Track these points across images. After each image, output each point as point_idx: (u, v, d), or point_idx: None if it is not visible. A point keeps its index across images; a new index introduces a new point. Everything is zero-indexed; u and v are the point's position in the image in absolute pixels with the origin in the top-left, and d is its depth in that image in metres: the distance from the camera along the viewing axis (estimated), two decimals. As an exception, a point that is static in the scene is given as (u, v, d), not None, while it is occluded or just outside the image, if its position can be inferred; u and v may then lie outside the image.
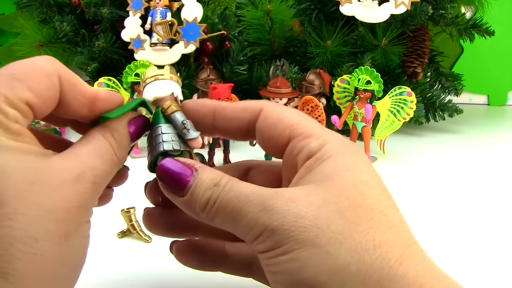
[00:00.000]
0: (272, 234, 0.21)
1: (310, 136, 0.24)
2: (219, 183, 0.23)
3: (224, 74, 0.71)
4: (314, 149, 0.24)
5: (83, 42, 0.74)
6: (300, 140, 0.25)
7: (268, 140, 0.26)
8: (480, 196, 0.52)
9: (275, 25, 0.71)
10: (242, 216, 0.22)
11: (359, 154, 0.24)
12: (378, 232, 0.21)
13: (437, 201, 0.50)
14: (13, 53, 0.81)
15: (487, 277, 0.36)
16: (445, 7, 0.74)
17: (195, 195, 0.23)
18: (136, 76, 0.62)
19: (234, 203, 0.22)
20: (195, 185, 0.23)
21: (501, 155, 0.68)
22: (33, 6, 0.76)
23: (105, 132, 0.24)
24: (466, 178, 0.58)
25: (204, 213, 0.23)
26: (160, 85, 0.28)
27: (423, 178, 0.58)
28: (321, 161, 0.23)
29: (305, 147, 0.24)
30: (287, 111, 0.26)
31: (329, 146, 0.24)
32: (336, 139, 0.25)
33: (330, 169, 0.23)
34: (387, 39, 0.73)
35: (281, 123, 0.26)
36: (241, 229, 0.22)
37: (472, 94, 1.02)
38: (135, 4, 0.69)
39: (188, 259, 0.29)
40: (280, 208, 0.21)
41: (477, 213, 0.47)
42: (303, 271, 0.21)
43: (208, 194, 0.23)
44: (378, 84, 0.59)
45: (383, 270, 0.20)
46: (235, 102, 0.28)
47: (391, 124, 0.61)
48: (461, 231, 0.43)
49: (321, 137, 0.24)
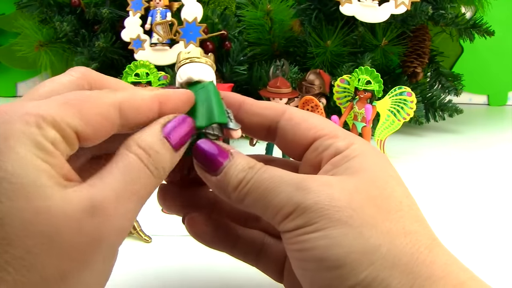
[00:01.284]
0: (305, 211, 0.22)
1: (336, 137, 0.25)
2: (254, 166, 0.24)
3: (224, 74, 0.71)
4: (342, 148, 0.25)
5: (83, 42, 0.74)
6: (327, 139, 0.25)
7: (292, 139, 0.27)
8: (480, 196, 0.52)
9: (275, 25, 0.71)
10: (275, 194, 0.22)
11: (383, 156, 0.26)
12: (407, 222, 0.22)
13: (437, 201, 0.50)
14: (13, 53, 0.82)
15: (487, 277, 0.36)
16: (445, 7, 0.74)
17: (228, 175, 0.24)
18: (136, 76, 0.62)
19: (268, 183, 0.23)
20: (229, 166, 0.24)
21: (501, 155, 0.68)
22: (33, 6, 0.76)
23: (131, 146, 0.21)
24: (466, 178, 0.58)
25: (236, 192, 0.24)
26: (197, 68, 0.27)
27: (423, 178, 0.58)
28: (349, 158, 0.24)
29: (332, 145, 0.25)
30: (311, 115, 0.27)
31: (356, 146, 0.25)
32: (361, 141, 0.26)
33: (360, 164, 0.24)
34: (387, 39, 0.73)
35: (306, 123, 0.26)
36: (271, 208, 0.23)
37: (472, 94, 1.02)
38: (135, 4, 0.69)
39: (200, 232, 0.29)
40: (315, 188, 0.22)
41: (477, 213, 0.47)
42: (334, 248, 0.21)
43: (242, 175, 0.23)
44: (378, 84, 0.59)
45: (413, 255, 0.21)
46: (262, 101, 0.28)
47: (391, 124, 0.61)
48: (461, 231, 0.43)
49: (347, 138, 0.25)
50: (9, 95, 1.01)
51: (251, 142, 0.59)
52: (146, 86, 0.63)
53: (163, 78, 0.66)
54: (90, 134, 0.20)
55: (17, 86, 1.01)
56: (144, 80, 0.63)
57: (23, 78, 1.01)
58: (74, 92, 0.21)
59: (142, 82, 0.63)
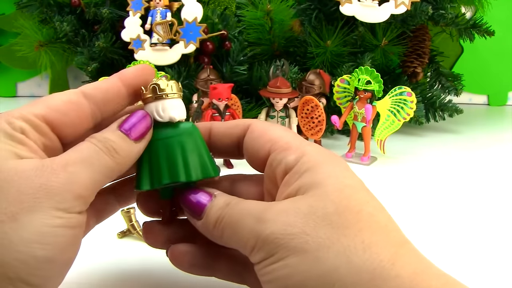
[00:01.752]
0: (265, 243, 0.22)
1: (288, 149, 0.25)
2: (230, 202, 0.25)
3: (224, 74, 0.71)
4: (291, 163, 0.25)
5: (83, 42, 0.74)
6: (279, 153, 0.25)
7: (252, 154, 0.27)
8: (480, 196, 0.52)
9: (275, 25, 0.71)
10: (242, 228, 0.23)
11: (338, 163, 0.25)
12: (367, 233, 0.21)
13: (437, 201, 0.50)
14: (13, 53, 0.82)
15: (486, 276, 0.36)
16: (445, 7, 0.74)
17: (209, 216, 0.25)
18: (136, 76, 0.62)
19: (237, 216, 0.24)
20: (210, 207, 0.25)
21: (501, 155, 0.68)
22: (33, 6, 0.76)
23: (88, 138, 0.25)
24: (466, 178, 0.58)
25: (215, 230, 0.25)
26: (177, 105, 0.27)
27: (423, 178, 0.58)
28: (299, 175, 0.24)
29: (283, 160, 0.25)
30: (272, 127, 0.27)
31: (306, 158, 0.24)
32: (314, 150, 0.25)
33: (311, 179, 0.23)
34: (387, 39, 0.73)
35: (264, 137, 0.27)
36: (240, 242, 0.23)
37: (472, 94, 1.02)
38: (135, 4, 0.69)
39: (183, 263, 0.29)
40: (271, 218, 0.22)
41: (477, 213, 0.47)
42: (293, 277, 0.21)
43: (219, 213, 0.25)
44: (378, 84, 0.59)
45: (375, 271, 0.20)
46: (229, 121, 0.29)
47: (391, 124, 0.61)
48: (461, 230, 0.43)
49: (298, 149, 0.25)
50: (9, 95, 1.01)
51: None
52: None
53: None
54: (59, 119, 0.24)
55: (17, 86, 1.01)
56: (144, 80, 0.63)
57: (23, 78, 1.01)
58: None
59: (142, 82, 0.63)
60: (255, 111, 0.71)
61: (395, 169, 0.60)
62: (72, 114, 0.25)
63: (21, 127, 0.23)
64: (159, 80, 0.27)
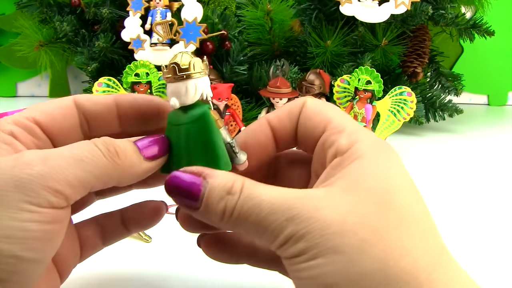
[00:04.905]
0: (298, 241, 0.21)
1: (341, 132, 0.24)
2: (231, 190, 0.22)
3: (224, 74, 0.71)
4: (343, 147, 0.23)
5: (83, 42, 0.74)
6: (332, 134, 0.24)
7: (306, 133, 0.26)
8: (480, 196, 0.52)
9: (275, 25, 0.71)
10: (267, 225, 0.21)
11: (391, 156, 0.24)
12: (406, 240, 0.21)
13: (437, 201, 0.50)
14: (13, 53, 0.82)
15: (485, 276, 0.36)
16: (445, 7, 0.74)
17: (209, 206, 0.22)
18: (136, 76, 0.62)
19: (256, 212, 0.22)
20: (207, 195, 0.22)
21: (501, 155, 0.68)
22: (33, 6, 0.76)
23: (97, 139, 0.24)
24: (466, 178, 0.58)
25: (223, 223, 0.22)
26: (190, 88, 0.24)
27: (423, 178, 0.58)
28: (349, 161, 0.23)
29: (335, 142, 0.24)
30: (326, 105, 0.26)
31: (359, 145, 0.23)
32: (368, 137, 0.24)
33: (359, 172, 0.22)
34: (387, 39, 0.73)
35: (319, 115, 0.25)
36: (266, 238, 0.22)
37: (472, 94, 1.02)
38: (135, 4, 0.69)
39: (218, 253, 0.28)
40: (306, 216, 0.21)
41: (477, 213, 0.47)
42: (325, 278, 0.20)
43: (223, 203, 0.22)
44: (378, 84, 0.59)
45: (410, 280, 0.20)
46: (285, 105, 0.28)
47: (391, 124, 0.61)
48: (461, 230, 0.43)
49: (352, 134, 0.24)
50: (9, 95, 1.01)
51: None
52: (146, 86, 0.63)
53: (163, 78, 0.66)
54: (48, 121, 0.25)
55: (17, 86, 1.01)
56: (144, 80, 0.63)
57: (23, 78, 1.01)
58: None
59: (142, 82, 0.63)
60: (255, 111, 0.71)
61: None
62: (60, 118, 0.25)
63: (11, 129, 0.24)
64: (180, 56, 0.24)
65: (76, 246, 0.29)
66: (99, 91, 0.62)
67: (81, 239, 0.29)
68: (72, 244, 0.28)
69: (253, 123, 0.27)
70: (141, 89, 0.63)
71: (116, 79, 0.63)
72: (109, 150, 0.23)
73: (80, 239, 0.29)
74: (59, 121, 0.25)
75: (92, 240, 0.29)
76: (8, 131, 0.24)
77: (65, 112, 0.25)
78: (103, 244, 0.30)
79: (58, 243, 0.23)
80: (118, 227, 0.30)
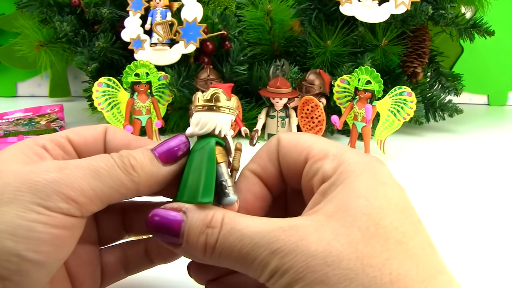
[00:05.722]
0: (284, 276, 0.21)
1: (325, 158, 0.24)
2: (211, 223, 0.22)
3: (224, 74, 0.71)
4: (329, 172, 0.23)
5: (83, 42, 0.74)
6: (315, 161, 0.24)
7: (289, 169, 0.26)
8: (480, 195, 0.52)
9: (275, 25, 0.71)
10: (251, 260, 0.21)
11: (377, 173, 0.23)
12: (395, 263, 0.20)
13: (437, 201, 0.50)
14: (13, 53, 0.82)
15: (485, 276, 0.36)
16: (445, 7, 0.74)
17: (190, 241, 0.23)
18: (136, 76, 0.62)
19: (239, 247, 0.22)
20: (187, 229, 0.23)
21: (501, 155, 0.68)
22: (33, 6, 0.76)
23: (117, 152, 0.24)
24: (466, 178, 0.58)
25: (206, 258, 0.23)
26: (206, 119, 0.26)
27: (423, 178, 0.58)
28: (335, 186, 0.22)
29: (320, 169, 0.23)
30: (301, 135, 0.26)
31: (344, 168, 0.23)
32: (353, 157, 0.23)
33: (343, 197, 0.22)
34: (387, 39, 0.73)
35: (296, 148, 0.25)
36: (252, 273, 0.22)
37: (472, 94, 1.02)
38: (135, 4, 0.69)
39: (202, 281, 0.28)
40: (289, 249, 0.21)
41: (477, 213, 0.47)
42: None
43: (203, 238, 0.22)
44: (378, 84, 0.59)
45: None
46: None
47: (391, 124, 0.61)
48: (461, 230, 0.43)
49: (336, 157, 0.23)
50: (9, 95, 1.01)
51: (251, 142, 0.59)
52: (146, 86, 0.63)
53: (163, 78, 0.66)
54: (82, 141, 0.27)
55: (17, 86, 1.02)
56: (144, 80, 0.63)
57: (23, 78, 1.01)
58: None
59: (142, 82, 0.63)
60: (255, 111, 0.71)
61: (395, 169, 0.60)
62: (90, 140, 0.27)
63: (43, 143, 0.25)
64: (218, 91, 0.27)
65: (97, 271, 0.29)
66: (99, 91, 0.62)
67: (103, 265, 0.29)
68: (93, 270, 0.28)
69: (241, 180, 0.27)
70: (141, 89, 0.63)
71: (116, 79, 0.63)
72: (124, 163, 0.24)
73: (102, 265, 0.29)
74: (89, 142, 0.27)
75: (115, 267, 0.29)
76: (41, 144, 0.25)
77: (96, 136, 0.27)
78: (125, 273, 0.30)
79: (66, 251, 0.23)
80: (141, 256, 0.30)
